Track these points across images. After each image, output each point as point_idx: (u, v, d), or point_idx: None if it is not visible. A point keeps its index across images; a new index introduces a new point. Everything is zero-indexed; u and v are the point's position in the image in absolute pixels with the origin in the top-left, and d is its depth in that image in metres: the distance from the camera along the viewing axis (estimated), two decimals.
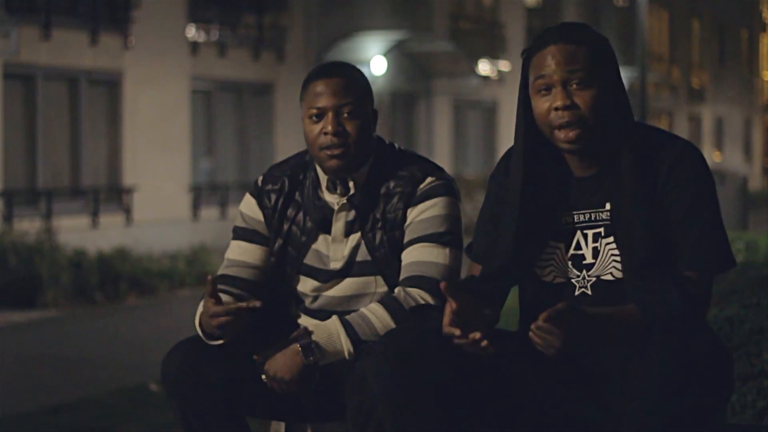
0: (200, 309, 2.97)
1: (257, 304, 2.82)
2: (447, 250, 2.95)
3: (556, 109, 2.60)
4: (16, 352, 9.68)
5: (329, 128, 2.94)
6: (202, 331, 2.94)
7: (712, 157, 39.95)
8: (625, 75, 29.73)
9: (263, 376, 2.90)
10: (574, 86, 2.60)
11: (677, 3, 38.02)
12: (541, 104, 2.63)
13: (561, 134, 2.61)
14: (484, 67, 25.69)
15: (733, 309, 4.90)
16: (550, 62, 2.61)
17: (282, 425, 3.22)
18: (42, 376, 8.48)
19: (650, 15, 32.19)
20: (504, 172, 2.78)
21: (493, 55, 26.33)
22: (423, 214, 2.97)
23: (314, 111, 2.97)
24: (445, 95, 25.39)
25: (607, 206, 2.65)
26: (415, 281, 2.92)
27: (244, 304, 2.82)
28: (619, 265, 2.63)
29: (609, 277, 2.64)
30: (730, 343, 4.37)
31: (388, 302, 2.91)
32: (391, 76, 22.46)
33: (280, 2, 20.12)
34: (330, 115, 2.96)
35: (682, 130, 37.61)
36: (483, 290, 2.71)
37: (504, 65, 26.79)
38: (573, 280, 2.67)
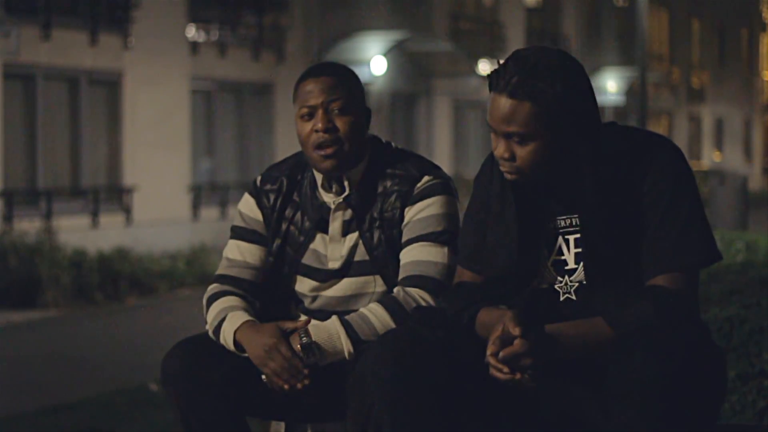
0: (231, 314, 2.96)
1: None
2: (445, 249, 2.94)
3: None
4: (16, 352, 9.68)
5: (319, 125, 2.95)
6: (235, 340, 2.94)
7: (712, 157, 39.95)
8: (625, 75, 29.75)
9: (263, 376, 2.90)
10: (515, 140, 2.55)
11: (677, 3, 38.03)
12: (492, 139, 2.61)
13: (505, 174, 2.60)
14: (484, 67, 25.68)
15: (733, 309, 4.90)
16: (494, 112, 2.56)
17: (282, 425, 3.22)
18: (42, 376, 8.49)
19: (650, 15, 32.18)
20: (489, 174, 2.75)
21: (493, 55, 26.31)
22: (421, 213, 2.97)
23: (305, 110, 2.98)
24: (445, 95, 25.39)
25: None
26: (414, 281, 2.92)
27: (301, 366, 2.85)
28: None
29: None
30: (730, 343, 4.37)
31: (387, 302, 2.91)
32: (391, 76, 22.46)
33: (280, 2, 20.11)
34: (320, 112, 2.96)
35: (682, 130, 37.63)
36: (487, 298, 2.69)
37: None
38: (556, 286, 2.65)
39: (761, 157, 45.73)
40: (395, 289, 2.94)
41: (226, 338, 2.94)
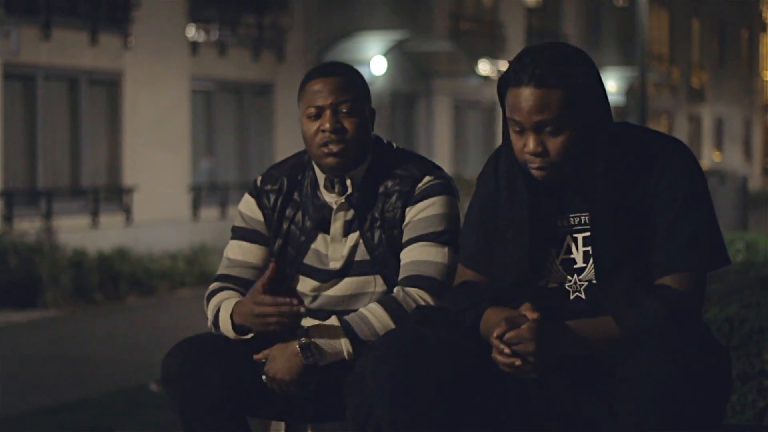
0: (225, 303, 2.97)
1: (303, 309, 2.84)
2: (446, 249, 2.95)
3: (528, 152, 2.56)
4: (16, 352, 9.68)
5: (327, 125, 2.95)
6: (233, 323, 2.93)
7: (712, 157, 39.95)
8: (625, 75, 29.76)
9: (263, 376, 2.91)
10: (547, 131, 2.54)
11: (677, 3, 38.03)
12: (515, 139, 2.58)
13: (533, 172, 2.58)
14: (484, 67, 25.70)
15: (733, 309, 4.90)
16: (522, 106, 2.53)
17: (282, 425, 3.22)
18: (42, 376, 8.48)
19: (650, 15, 32.19)
20: (493, 173, 2.74)
21: (493, 55, 26.33)
22: (422, 213, 2.98)
23: (312, 110, 2.98)
24: (445, 95, 25.39)
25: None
26: (414, 281, 2.92)
27: (287, 301, 2.83)
28: None
29: None
30: (730, 343, 4.37)
31: (387, 302, 2.91)
32: (391, 76, 22.46)
33: (280, 2, 20.12)
34: (328, 112, 2.97)
35: (682, 130, 37.62)
36: (492, 298, 2.68)
37: (504, 65, 26.78)
38: (566, 285, 2.65)
39: (761, 157, 45.73)
40: (395, 289, 2.94)
41: (226, 326, 2.95)
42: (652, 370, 2.40)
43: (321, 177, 3.05)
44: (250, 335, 2.93)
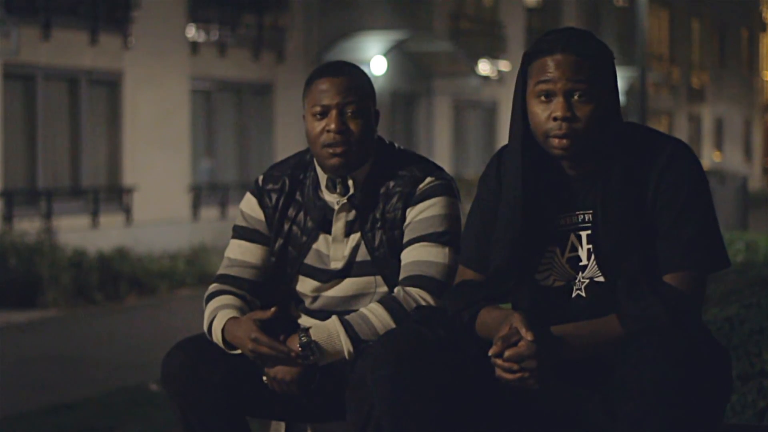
0: (220, 313, 2.96)
1: (296, 351, 2.84)
2: (446, 250, 2.95)
3: (555, 119, 2.58)
4: (16, 352, 9.68)
5: (332, 126, 2.95)
6: (224, 340, 2.94)
7: (712, 157, 39.95)
8: (625, 75, 29.77)
9: (264, 377, 2.91)
10: (576, 98, 2.58)
11: (677, 3, 38.02)
12: (539, 110, 2.60)
13: (555, 141, 2.59)
14: (484, 67, 25.68)
15: (733, 309, 4.90)
16: (554, 70, 2.58)
17: (282, 425, 3.23)
18: (42, 376, 8.49)
19: (650, 15, 32.18)
20: (495, 174, 2.75)
21: (493, 55, 26.32)
22: (422, 213, 2.98)
23: (318, 109, 2.97)
24: (445, 95, 25.38)
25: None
26: (415, 281, 2.92)
27: (286, 350, 2.83)
28: None
29: (601, 279, 2.63)
30: (730, 343, 4.37)
31: (387, 302, 2.91)
32: (391, 76, 22.45)
33: (280, 2, 20.11)
34: (334, 113, 2.96)
35: (682, 130, 37.62)
36: (488, 296, 2.69)
37: (504, 65, 26.79)
38: (572, 283, 2.66)
39: (761, 157, 45.73)
40: (396, 289, 2.94)
41: (217, 338, 2.95)
42: (652, 370, 2.40)
43: (323, 177, 3.04)
44: (239, 351, 2.92)
